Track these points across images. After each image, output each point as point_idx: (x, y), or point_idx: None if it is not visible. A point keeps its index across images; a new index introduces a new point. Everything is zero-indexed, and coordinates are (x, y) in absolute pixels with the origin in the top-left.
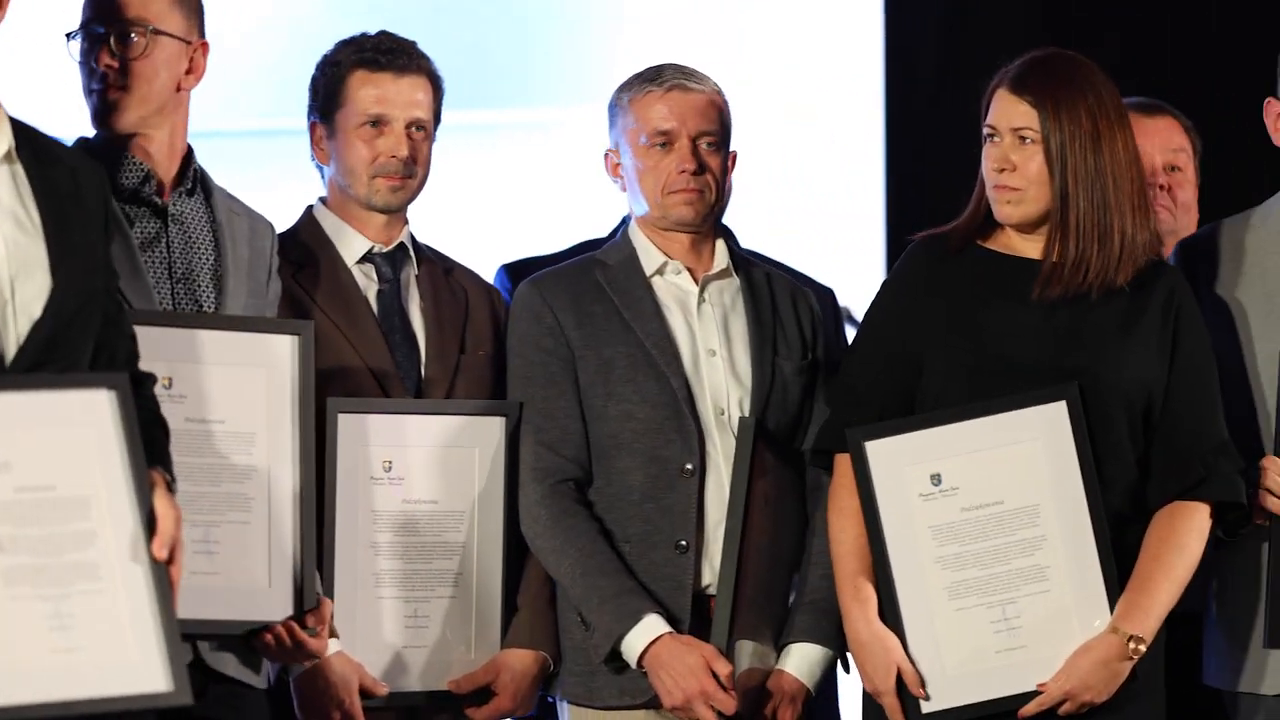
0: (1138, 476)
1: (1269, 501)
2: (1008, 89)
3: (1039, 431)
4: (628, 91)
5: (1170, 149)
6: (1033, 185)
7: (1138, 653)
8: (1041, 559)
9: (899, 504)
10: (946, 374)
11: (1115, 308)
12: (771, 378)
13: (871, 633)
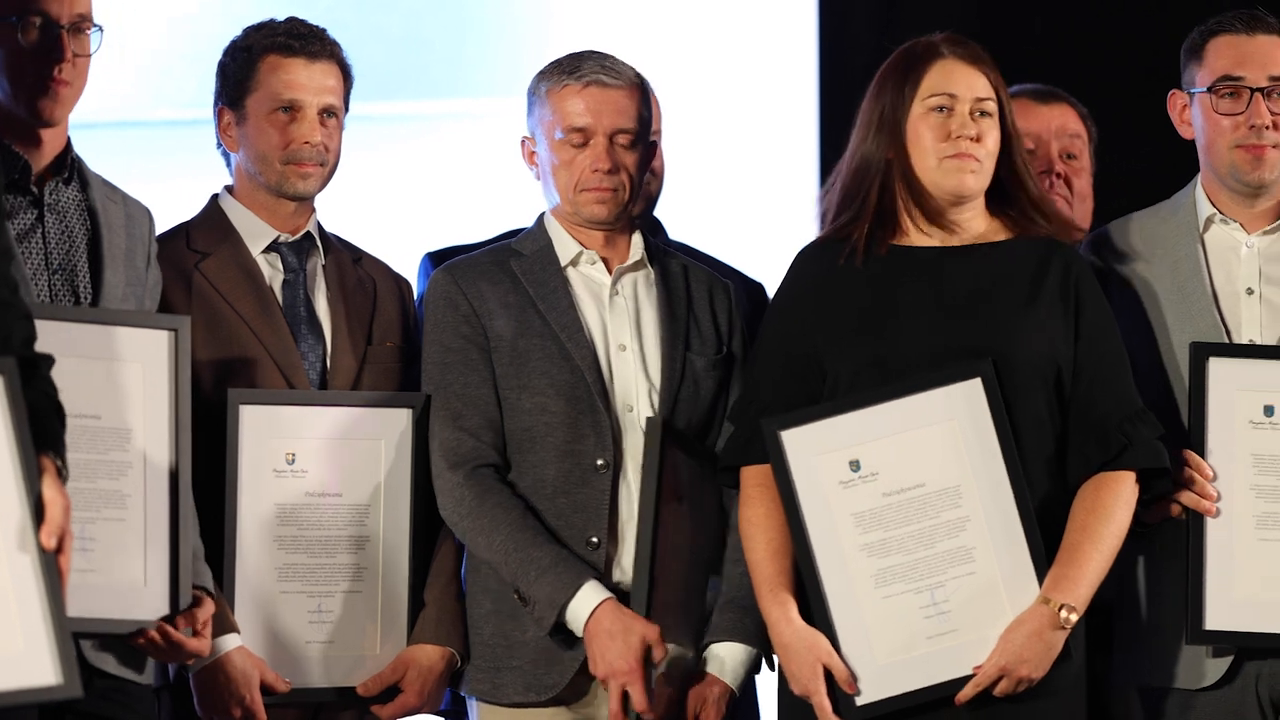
0: (1057, 451)
1: (1185, 496)
2: (962, 60)
3: (956, 410)
4: (546, 81)
5: (1066, 135)
6: (989, 159)
7: (1069, 622)
8: (967, 540)
9: (819, 493)
10: (854, 371)
11: (1016, 287)
12: (682, 373)
13: (795, 633)
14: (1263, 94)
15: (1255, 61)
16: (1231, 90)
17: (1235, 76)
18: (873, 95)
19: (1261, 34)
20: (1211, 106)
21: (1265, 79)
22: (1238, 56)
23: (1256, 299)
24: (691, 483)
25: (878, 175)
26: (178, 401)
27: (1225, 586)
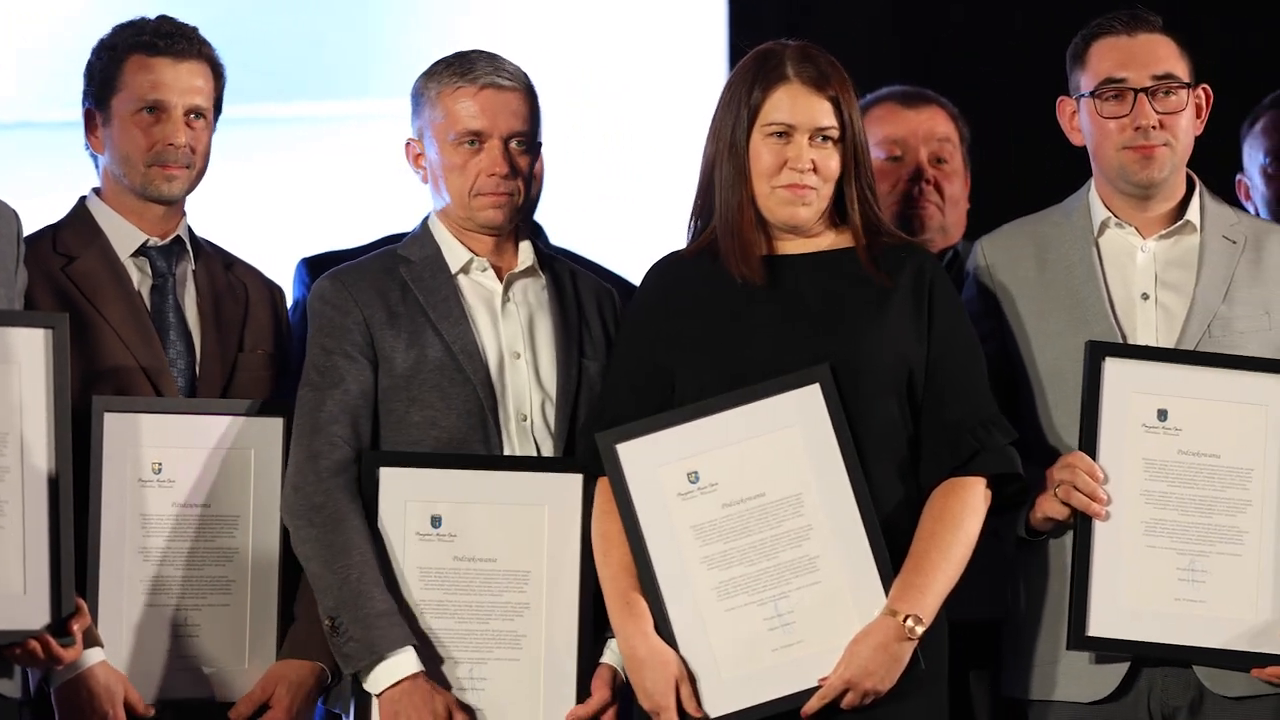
0: (911, 456)
1: (1074, 498)
2: (806, 85)
3: (794, 417)
4: (436, 83)
5: (935, 139)
6: (826, 185)
7: (915, 633)
8: (810, 549)
9: (657, 506)
10: (700, 383)
11: (867, 292)
12: (579, 379)
13: (649, 648)
14: (1147, 94)
15: (1138, 62)
16: (1116, 93)
17: (1119, 78)
18: (721, 105)
19: (1143, 33)
20: (1097, 110)
21: (1149, 79)
22: (1120, 58)
23: (1152, 304)
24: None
25: (723, 191)
26: (56, 403)
27: (1110, 593)
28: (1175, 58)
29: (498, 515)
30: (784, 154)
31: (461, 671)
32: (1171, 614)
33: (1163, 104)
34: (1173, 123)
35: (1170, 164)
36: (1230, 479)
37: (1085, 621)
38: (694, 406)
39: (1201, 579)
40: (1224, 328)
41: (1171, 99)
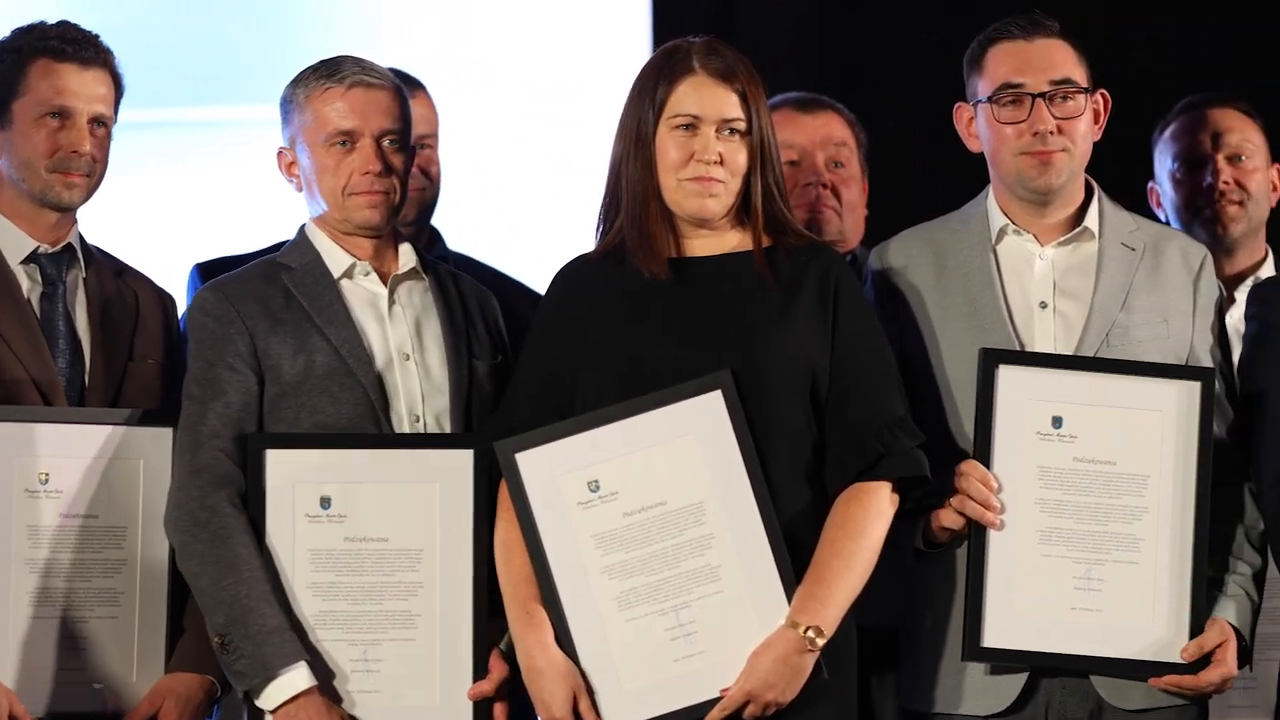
0: (816, 460)
1: (968, 507)
2: (713, 77)
3: (695, 425)
4: (303, 87)
5: (832, 144)
6: (734, 178)
7: (816, 645)
8: (712, 558)
9: (557, 515)
10: (599, 388)
11: (770, 295)
12: (470, 379)
13: (548, 659)
14: (1044, 99)
15: (1035, 67)
16: (1013, 98)
17: (1016, 83)
18: (629, 101)
19: (1040, 38)
20: (994, 116)
21: (1046, 84)
22: (1017, 63)
23: (1050, 312)
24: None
25: (630, 188)
26: None
27: (1005, 603)
28: (1073, 62)
29: (388, 494)
30: (690, 146)
31: (356, 653)
32: (1068, 623)
33: (1060, 109)
34: (1070, 128)
35: (1068, 170)
36: (1126, 486)
37: (980, 632)
38: (594, 414)
39: (1098, 587)
40: (1123, 336)
41: (1069, 104)
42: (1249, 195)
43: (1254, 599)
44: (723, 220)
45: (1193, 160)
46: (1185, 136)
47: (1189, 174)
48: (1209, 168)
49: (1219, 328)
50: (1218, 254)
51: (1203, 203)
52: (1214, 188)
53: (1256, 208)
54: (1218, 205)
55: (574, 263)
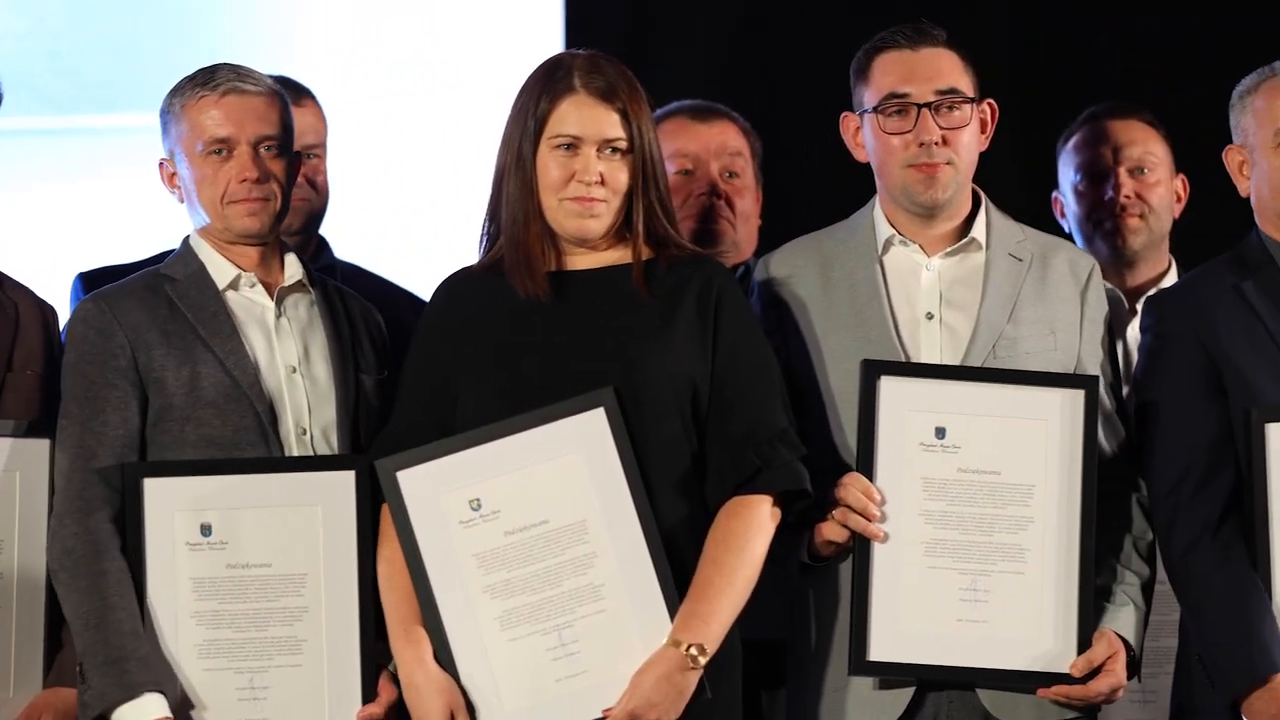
0: (697, 474)
1: (850, 520)
2: (594, 95)
3: (577, 442)
4: (180, 97)
5: (727, 154)
6: (616, 197)
7: (698, 663)
8: (595, 577)
9: (439, 533)
10: (480, 404)
11: (654, 307)
12: (357, 393)
13: (426, 675)
14: (930, 109)
15: (921, 76)
16: (898, 108)
17: (901, 93)
18: (511, 117)
19: (926, 47)
20: (880, 126)
21: (932, 94)
22: (903, 73)
23: (937, 324)
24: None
25: (510, 205)
26: None
27: (891, 616)
28: (959, 72)
29: (269, 519)
30: (571, 166)
31: (243, 681)
32: (954, 635)
33: (946, 119)
34: (956, 139)
35: (953, 182)
36: (1011, 496)
37: (866, 646)
38: (476, 432)
39: (984, 599)
40: (1010, 348)
41: (955, 114)
42: (1150, 208)
43: (1142, 608)
44: (604, 237)
45: (1095, 172)
46: (1087, 148)
47: (1091, 186)
48: (1111, 180)
49: (1109, 339)
50: (1119, 266)
51: (1104, 215)
52: (1115, 201)
53: (1158, 221)
54: (1119, 218)
55: (456, 275)
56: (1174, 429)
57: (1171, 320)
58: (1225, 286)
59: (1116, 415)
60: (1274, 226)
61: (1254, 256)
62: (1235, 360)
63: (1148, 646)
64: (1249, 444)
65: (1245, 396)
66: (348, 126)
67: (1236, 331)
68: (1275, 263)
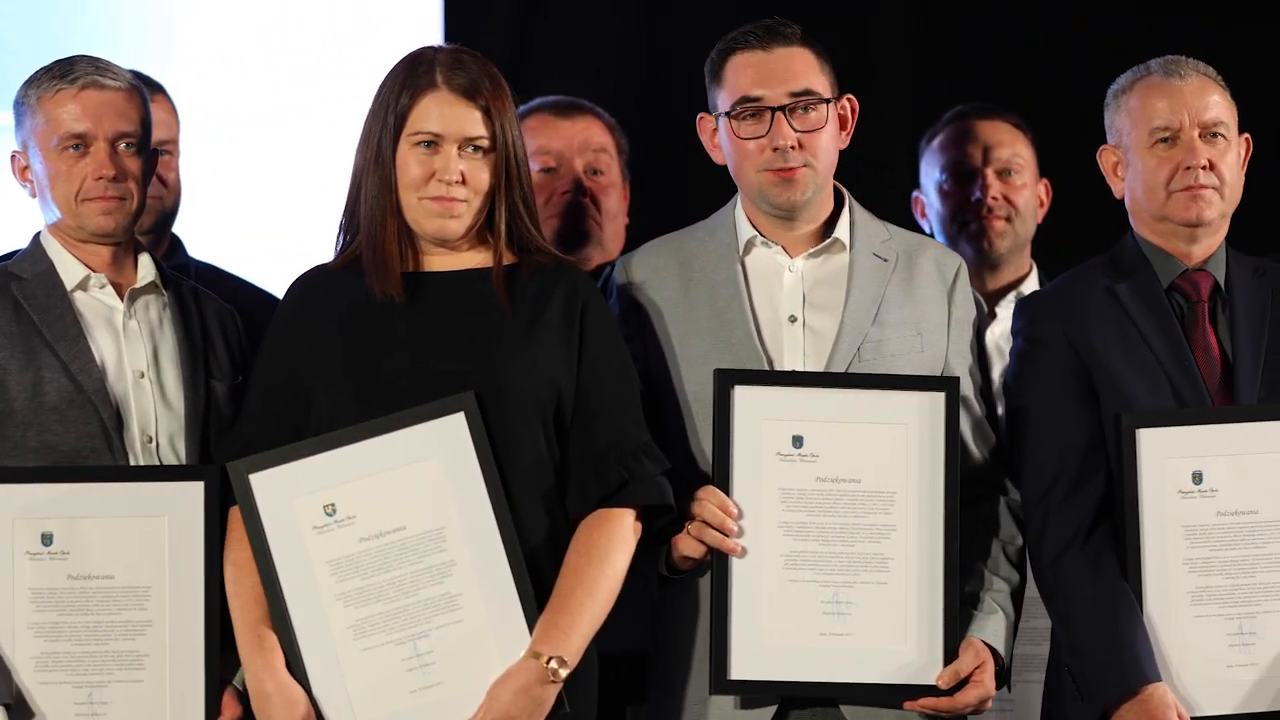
0: (559, 486)
1: (706, 535)
2: (456, 93)
3: (437, 448)
4: (36, 88)
5: (590, 150)
6: (477, 197)
7: (558, 676)
8: (452, 586)
9: (292, 539)
10: (335, 407)
11: (515, 315)
12: (206, 399)
13: (276, 684)
14: (785, 112)
15: (775, 78)
16: (753, 111)
17: (754, 97)
18: (371, 112)
19: (779, 47)
20: (735, 130)
21: (786, 96)
22: (756, 75)
23: (800, 326)
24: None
25: (368, 203)
26: None
27: (751, 631)
28: (814, 71)
29: (113, 529)
30: (431, 164)
31: (81, 696)
32: (817, 650)
33: (802, 121)
34: (812, 141)
35: (812, 185)
36: (872, 504)
37: (726, 663)
38: (332, 435)
39: (847, 611)
40: (875, 350)
41: (811, 116)
42: (1016, 211)
43: (1011, 616)
44: (465, 238)
45: (961, 173)
46: (953, 148)
47: (957, 187)
48: (977, 182)
49: (977, 340)
50: (982, 269)
51: (969, 217)
52: (982, 202)
53: (1023, 224)
54: (984, 220)
55: (311, 273)
56: (1045, 434)
57: (1043, 323)
58: (1098, 289)
59: (985, 417)
60: (1149, 228)
61: (1128, 259)
62: (1107, 364)
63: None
64: (1120, 450)
65: (1117, 401)
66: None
67: (1109, 335)
68: (1150, 265)
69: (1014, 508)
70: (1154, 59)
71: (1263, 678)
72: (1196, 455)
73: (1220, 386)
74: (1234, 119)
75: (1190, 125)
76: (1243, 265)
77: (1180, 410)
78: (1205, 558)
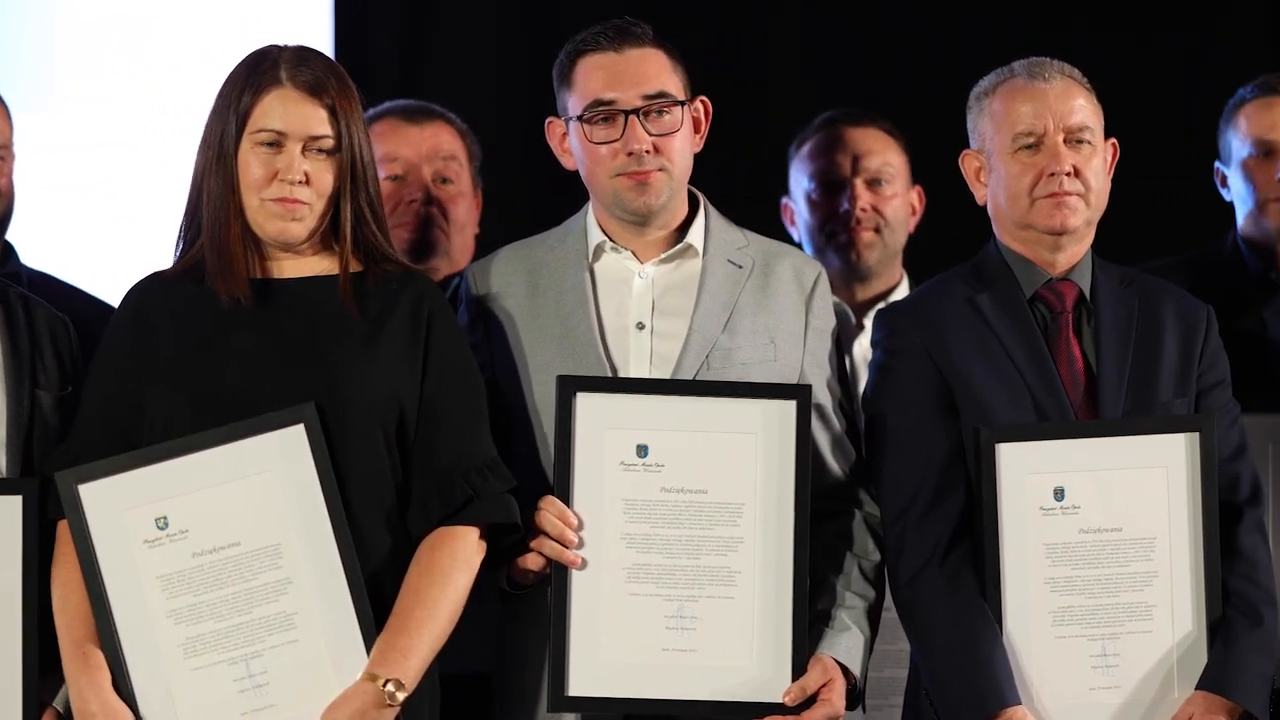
0: (400, 504)
1: (545, 546)
2: (300, 90)
3: (274, 461)
4: None
5: (439, 158)
6: (321, 200)
7: (395, 699)
8: (287, 605)
9: (122, 553)
10: (168, 417)
11: (359, 324)
12: (31, 411)
13: (102, 704)
14: (639, 116)
15: (627, 81)
16: (605, 115)
17: (607, 100)
18: (213, 111)
19: (631, 48)
20: (586, 135)
21: (639, 99)
22: (607, 78)
23: (648, 334)
24: None
25: (211, 205)
26: None
27: (591, 647)
28: (667, 73)
29: None
30: (274, 164)
31: None
32: (660, 666)
33: (656, 124)
34: (667, 144)
35: (667, 189)
36: (719, 516)
37: (565, 680)
38: (166, 445)
39: (691, 626)
40: (724, 358)
41: (665, 119)
42: (886, 222)
43: (866, 633)
44: (310, 242)
45: (830, 182)
46: (822, 156)
47: (825, 197)
48: (846, 192)
49: (837, 353)
50: (851, 280)
51: (837, 228)
52: (850, 213)
53: (893, 235)
54: (853, 231)
55: (147, 280)
56: (903, 449)
57: (902, 335)
58: (959, 299)
59: (844, 432)
60: (1012, 236)
61: (990, 268)
62: (967, 377)
63: (874, 677)
64: (979, 465)
65: (977, 415)
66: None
67: (969, 347)
68: (1013, 274)
69: (873, 523)
70: (1018, 61)
71: (1126, 701)
72: (1058, 471)
73: (1084, 399)
74: (1100, 123)
75: (1054, 130)
76: (1109, 275)
77: (1041, 424)
78: (1067, 576)
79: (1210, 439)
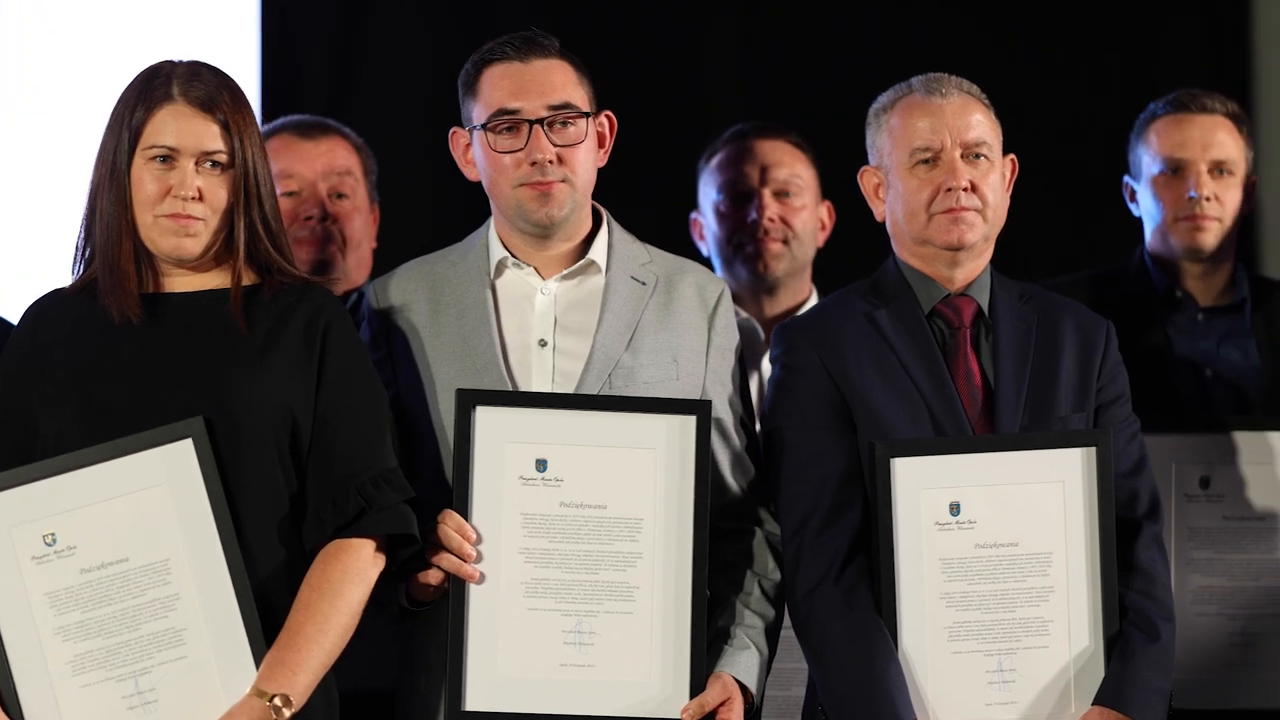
0: (294, 516)
1: (443, 560)
2: (193, 105)
3: (163, 476)
4: None
5: (335, 173)
6: (215, 215)
7: (283, 715)
8: (176, 621)
9: (9, 569)
10: (60, 428)
11: (253, 335)
12: None
13: None
14: (543, 126)
15: (533, 90)
16: (509, 125)
17: (511, 109)
18: (108, 126)
19: (537, 58)
20: (490, 144)
21: (544, 109)
22: (513, 87)
23: (550, 350)
24: None
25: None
26: None
27: (488, 661)
28: (572, 84)
29: None
30: (167, 180)
31: None
32: (558, 681)
33: (560, 135)
34: (571, 156)
35: (570, 201)
36: (617, 531)
37: (461, 694)
38: (53, 461)
39: (589, 641)
40: (627, 376)
41: (570, 130)
42: (794, 234)
43: (764, 652)
44: (205, 257)
45: (737, 193)
46: (731, 168)
47: (733, 207)
48: (754, 202)
49: (739, 370)
50: (758, 293)
51: (745, 239)
52: (758, 224)
53: (801, 247)
54: (761, 242)
55: (46, 297)
56: (800, 464)
57: (799, 350)
58: (857, 315)
59: (745, 449)
60: (910, 252)
61: (889, 284)
62: (865, 392)
63: (780, 695)
64: (874, 480)
65: (875, 430)
66: None
67: (867, 362)
68: (911, 290)
69: (774, 541)
70: (916, 76)
71: (1023, 716)
72: (954, 485)
73: (982, 415)
74: (998, 139)
75: (952, 145)
76: (1008, 290)
77: (937, 439)
78: (963, 591)
79: (1107, 454)
